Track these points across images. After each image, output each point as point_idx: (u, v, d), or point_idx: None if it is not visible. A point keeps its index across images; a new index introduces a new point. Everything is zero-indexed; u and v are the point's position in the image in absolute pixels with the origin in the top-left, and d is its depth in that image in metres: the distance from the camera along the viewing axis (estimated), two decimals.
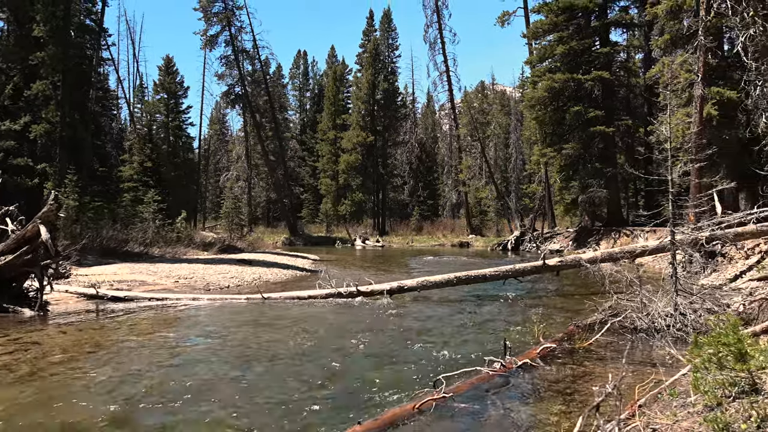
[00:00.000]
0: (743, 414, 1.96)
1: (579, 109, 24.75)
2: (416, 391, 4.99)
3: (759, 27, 8.14)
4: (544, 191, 34.52)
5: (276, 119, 45.21)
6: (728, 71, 18.39)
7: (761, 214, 13.52)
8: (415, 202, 52.97)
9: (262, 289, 11.95)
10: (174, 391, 5.18)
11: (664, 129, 8.72)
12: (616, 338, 7.17)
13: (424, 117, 65.47)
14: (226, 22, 40.88)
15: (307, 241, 39.38)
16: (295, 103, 64.64)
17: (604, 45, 26.41)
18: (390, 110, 49.92)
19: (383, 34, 52.25)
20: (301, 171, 57.31)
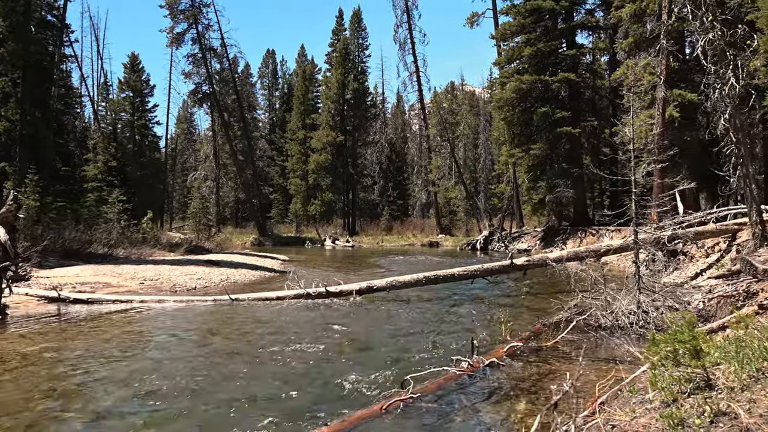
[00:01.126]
0: (698, 409, 2.01)
1: (546, 110, 25.10)
2: (383, 392, 5.00)
3: (717, 31, 8.36)
4: (513, 191, 34.91)
5: (244, 118, 44.77)
6: (689, 74, 18.86)
7: (720, 214, 13.92)
8: (385, 202, 53.02)
9: (229, 290, 11.82)
10: (137, 395, 5.09)
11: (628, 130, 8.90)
12: (581, 336, 7.29)
13: (394, 117, 65.60)
14: (193, 20, 40.32)
15: (277, 241, 39.09)
16: (264, 102, 64.11)
17: (571, 47, 26.84)
18: (360, 110, 49.87)
19: (353, 34, 52.18)
20: (271, 171, 56.86)
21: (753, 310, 4.31)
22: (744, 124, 9.51)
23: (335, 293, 10.98)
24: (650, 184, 16.62)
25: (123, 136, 43.45)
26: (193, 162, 57.97)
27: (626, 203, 8.48)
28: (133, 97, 47.79)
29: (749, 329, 3.01)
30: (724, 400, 2.02)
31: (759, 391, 2.06)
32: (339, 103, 49.04)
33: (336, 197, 49.76)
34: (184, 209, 51.14)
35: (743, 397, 2.03)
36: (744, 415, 1.87)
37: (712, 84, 8.64)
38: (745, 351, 2.61)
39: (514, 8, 27.02)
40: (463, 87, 60.79)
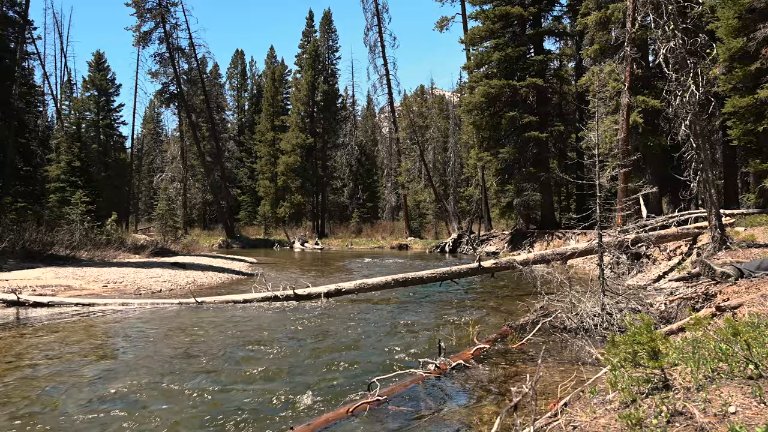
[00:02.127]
0: (655, 409, 2.05)
1: (514, 115, 25.38)
2: (350, 395, 4.99)
3: (678, 40, 8.57)
4: (481, 194, 35.21)
5: (213, 119, 44.26)
6: (652, 81, 19.30)
7: (682, 218, 14.28)
8: (354, 204, 52.98)
9: (196, 293, 11.68)
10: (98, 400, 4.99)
11: (593, 135, 9.07)
12: (547, 338, 7.38)
13: (364, 120, 65.69)
14: (160, 19, 39.72)
15: (245, 243, 38.75)
16: (232, 103, 63.52)
17: (538, 53, 27.21)
18: (330, 112, 49.75)
19: (323, 36, 52.07)
20: (239, 172, 56.35)
21: (711, 311, 4.42)
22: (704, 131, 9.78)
23: (303, 296, 10.93)
24: (615, 188, 16.99)
25: (87, 136, 42.52)
26: (160, 163, 57.09)
27: (591, 207, 8.62)
28: (98, 96, 46.91)
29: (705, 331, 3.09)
30: (680, 400, 2.07)
31: (714, 390, 2.11)
32: (309, 105, 48.84)
33: (305, 199, 49.51)
34: (150, 211, 50.33)
35: (699, 397, 2.09)
36: (699, 414, 1.92)
37: (674, 91, 8.85)
38: (701, 352, 2.68)
39: (483, 13, 27.28)
40: (432, 90, 61.14)
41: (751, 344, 2.32)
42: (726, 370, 2.34)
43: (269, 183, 49.88)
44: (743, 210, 16.69)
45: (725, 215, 13.43)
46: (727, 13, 16.55)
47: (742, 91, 16.69)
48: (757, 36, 15.78)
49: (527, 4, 26.82)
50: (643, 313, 7.59)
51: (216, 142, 44.17)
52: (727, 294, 5.08)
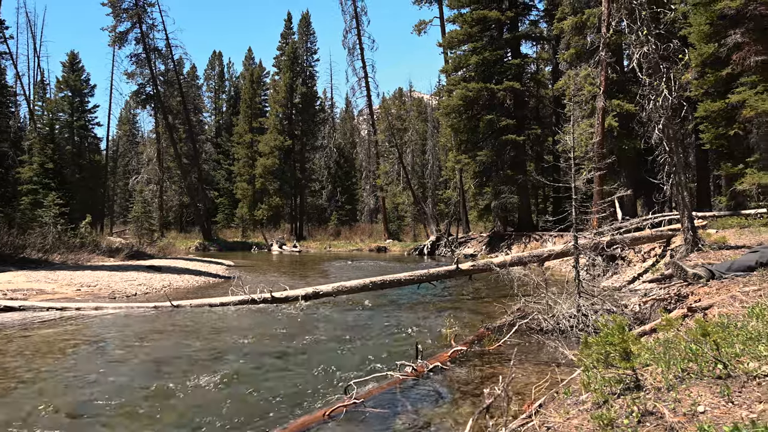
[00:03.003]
0: (626, 409, 2.08)
1: (492, 118, 25.56)
2: (327, 398, 4.97)
3: (652, 45, 8.71)
4: (459, 197, 35.39)
5: (190, 121, 43.86)
6: (627, 85, 19.60)
7: (655, 220, 14.50)
8: (333, 206, 52.86)
9: (172, 296, 11.55)
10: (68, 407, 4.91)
11: (569, 139, 9.16)
12: (523, 339, 7.43)
13: (343, 122, 65.61)
14: (136, 19, 39.26)
15: (222, 246, 38.42)
16: (210, 104, 63.00)
17: (516, 57, 27.44)
18: (308, 114, 49.60)
19: (302, 38, 51.92)
20: (216, 174, 55.89)
21: (683, 312, 4.50)
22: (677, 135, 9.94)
23: (281, 299, 10.87)
24: (591, 191, 17.19)
25: (61, 138, 41.88)
26: (136, 165, 56.37)
27: (568, 209, 8.71)
28: (72, 97, 46.23)
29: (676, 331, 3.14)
30: (651, 400, 2.10)
31: (684, 390, 2.14)
32: (287, 107, 48.67)
33: (283, 202, 49.28)
34: (126, 213, 49.66)
35: (669, 397, 2.12)
36: (669, 414, 1.95)
37: (647, 95, 8.99)
38: (672, 352, 2.73)
39: (461, 17, 27.45)
40: (411, 93, 61.36)
41: (719, 344, 2.36)
42: (696, 370, 2.38)
43: (247, 185, 49.55)
44: (715, 212, 17.01)
45: (698, 217, 13.68)
46: (699, 20, 16.88)
47: (713, 95, 17.03)
48: (728, 42, 16.10)
49: (504, 8, 27.05)
50: (617, 315, 7.71)
51: (193, 144, 43.77)
52: (699, 295, 5.17)
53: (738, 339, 2.79)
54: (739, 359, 2.44)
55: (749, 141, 16.45)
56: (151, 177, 45.63)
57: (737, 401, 2.01)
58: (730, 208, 17.05)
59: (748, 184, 15.48)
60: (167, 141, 43.06)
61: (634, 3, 9.14)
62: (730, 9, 15.62)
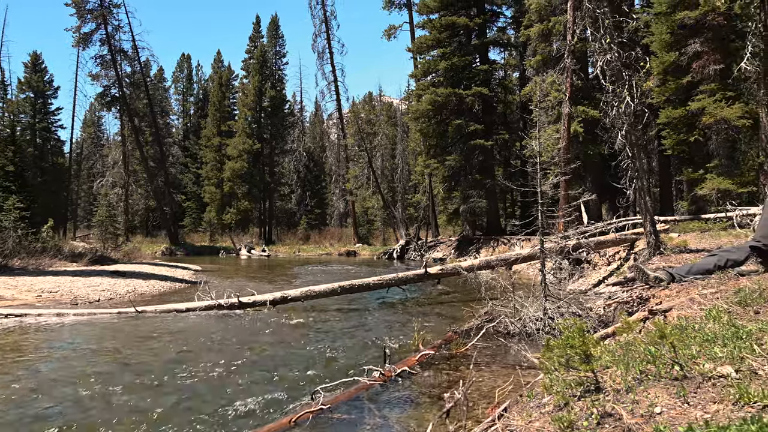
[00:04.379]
0: (586, 411, 2.11)
1: (460, 123, 25.78)
2: (293, 404, 4.94)
3: (614, 53, 8.91)
4: (429, 201, 35.59)
5: (156, 123, 43.21)
6: (592, 92, 19.99)
7: (620, 224, 14.78)
8: (302, 211, 52.63)
9: (137, 302, 11.35)
10: (22, 418, 4.78)
11: (535, 144, 9.31)
12: (491, 343, 7.49)
13: (313, 126, 65.45)
14: (101, 20, 38.58)
15: (190, 250, 37.91)
16: (177, 107, 62.15)
17: (484, 62, 27.75)
18: (277, 118, 49.33)
19: (270, 41, 51.62)
20: (184, 178, 55.15)
21: (644, 315, 4.60)
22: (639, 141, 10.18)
23: (248, 304, 10.76)
24: (557, 196, 17.47)
25: (22, 140, 40.85)
26: (101, 168, 55.28)
27: (534, 214, 8.83)
28: (35, 98, 45.21)
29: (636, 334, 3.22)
30: (610, 402, 2.14)
31: (642, 392, 2.19)
32: (256, 110, 48.34)
33: (252, 206, 48.88)
34: (90, 217, 48.64)
35: (628, 399, 2.16)
36: (627, 415, 1.99)
37: (611, 102, 9.19)
38: (631, 354, 2.79)
39: (430, 23, 27.66)
40: (381, 98, 61.54)
41: (676, 346, 2.42)
42: (654, 371, 2.43)
43: (215, 189, 49.02)
44: (677, 217, 17.42)
45: (660, 222, 13.98)
46: (661, 29, 17.33)
47: (675, 102, 17.49)
48: (688, 51, 16.58)
49: (473, 14, 27.36)
50: (578, 318, 7.83)
51: (160, 147, 43.13)
52: (660, 298, 5.29)
53: (695, 341, 2.86)
54: (696, 361, 2.51)
55: (709, 147, 16.93)
56: (117, 180, 44.81)
57: (692, 402, 2.06)
58: (692, 212, 17.49)
59: (708, 189, 15.92)
60: (133, 144, 42.36)
61: (598, 12, 9.34)
62: (690, 19, 16.08)
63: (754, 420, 1.71)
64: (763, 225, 5.13)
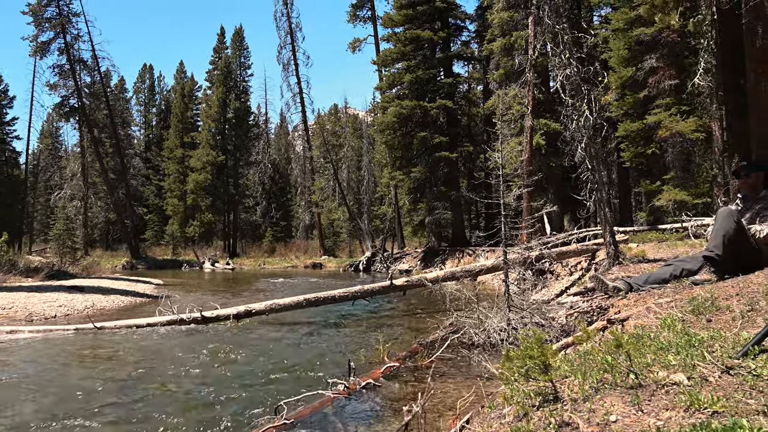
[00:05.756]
0: (544, 421, 2.15)
1: (425, 135, 26.01)
2: (256, 419, 4.88)
3: (574, 68, 9.13)
4: (395, 213, 35.70)
5: (117, 135, 42.39)
6: (553, 105, 20.41)
7: (581, 235, 15.06)
8: (267, 223, 52.20)
9: (95, 317, 11.07)
10: None
11: (498, 156, 9.44)
12: (456, 354, 7.52)
13: (278, 137, 65.14)
14: (60, 29, 37.79)
15: (151, 264, 37.18)
16: (139, 118, 61.27)
17: (448, 76, 28.10)
18: (242, 129, 48.96)
19: (235, 52, 51.33)
20: (146, 190, 54.23)
21: (602, 324, 4.69)
22: (599, 153, 10.42)
23: (212, 318, 10.60)
24: (521, 207, 17.74)
25: None
26: (59, 180, 53.85)
27: (498, 225, 8.93)
28: None
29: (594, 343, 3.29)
30: (567, 411, 2.18)
31: (598, 400, 2.24)
32: (220, 121, 47.91)
33: (216, 218, 48.28)
34: (47, 231, 47.34)
35: (584, 408, 2.20)
36: (583, 424, 2.03)
37: (570, 115, 9.39)
38: (589, 364, 2.84)
39: (395, 36, 27.93)
40: (346, 110, 61.59)
41: (632, 355, 2.48)
42: (610, 380, 2.48)
43: (178, 201, 48.29)
44: (636, 227, 17.84)
45: (619, 232, 14.30)
46: (618, 44, 17.82)
47: (632, 116, 17.98)
48: (644, 66, 17.07)
49: (437, 28, 27.73)
50: (546, 327, 7.94)
51: (120, 159, 42.30)
52: (618, 307, 5.40)
53: (650, 349, 2.93)
54: (650, 369, 2.57)
55: (665, 160, 17.43)
56: (75, 193, 43.73)
57: (646, 409, 2.11)
58: (650, 223, 17.94)
59: (665, 201, 16.37)
60: (93, 155, 41.44)
61: (557, 28, 9.57)
62: (646, 35, 16.58)
63: (703, 426, 1.76)
64: (715, 236, 5.30)
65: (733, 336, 2.97)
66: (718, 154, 14.83)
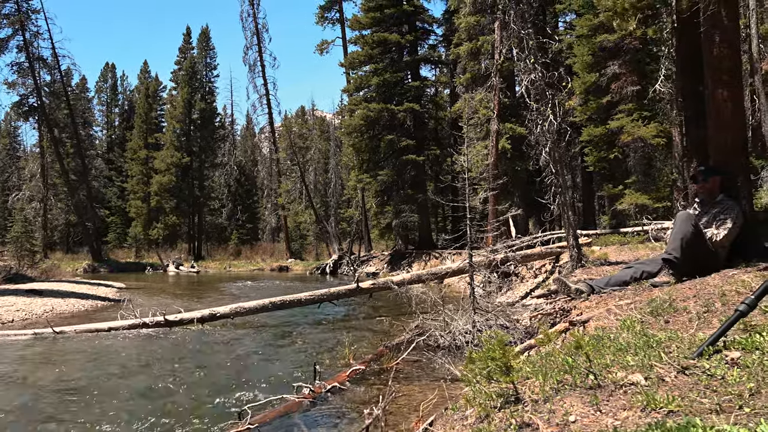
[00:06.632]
0: (505, 422, 2.15)
1: (392, 138, 26.07)
2: (220, 424, 4.80)
3: (538, 73, 9.25)
4: (362, 216, 35.64)
5: (78, 135, 41.38)
6: (518, 109, 20.66)
7: (545, 238, 15.27)
8: (233, 225, 51.60)
9: (55, 322, 10.78)
10: None
11: (463, 160, 9.51)
12: (422, 356, 7.53)
13: (244, 139, 64.50)
14: (19, 26, 36.72)
15: (114, 267, 36.40)
16: (101, 118, 59.94)
17: (415, 79, 28.22)
18: (207, 131, 48.30)
19: (201, 53, 50.64)
20: (108, 192, 53.07)
21: (565, 326, 4.75)
22: (562, 157, 10.57)
23: (175, 322, 10.42)
24: (487, 210, 17.90)
25: None
26: (17, 181, 52.31)
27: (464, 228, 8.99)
28: None
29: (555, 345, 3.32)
30: (528, 412, 2.19)
31: (558, 401, 2.25)
32: (185, 122, 47.18)
33: (181, 220, 47.53)
34: (4, 233, 45.89)
35: (545, 408, 2.22)
36: (543, 425, 2.04)
37: (535, 120, 9.52)
38: (550, 365, 2.87)
39: (362, 38, 27.93)
40: (313, 112, 61.37)
41: (591, 356, 2.51)
42: (570, 381, 2.51)
43: (141, 203, 47.41)
44: (599, 230, 18.17)
45: (583, 235, 14.54)
46: (582, 50, 18.14)
47: (596, 121, 18.31)
48: (607, 72, 17.42)
49: (404, 31, 27.82)
50: (510, 329, 8.01)
51: (82, 160, 41.30)
52: (581, 309, 5.48)
53: (609, 350, 2.98)
54: (609, 369, 2.60)
55: (627, 164, 17.80)
56: (34, 194, 42.54)
57: (605, 409, 2.14)
58: (612, 226, 18.28)
59: (627, 204, 16.71)
60: (53, 156, 40.37)
61: (523, 33, 9.69)
62: (609, 42, 16.92)
63: (658, 425, 1.79)
64: (673, 239, 5.41)
65: (690, 337, 3.04)
66: (677, 159, 15.21)
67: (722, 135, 5.65)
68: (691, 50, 6.62)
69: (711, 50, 5.60)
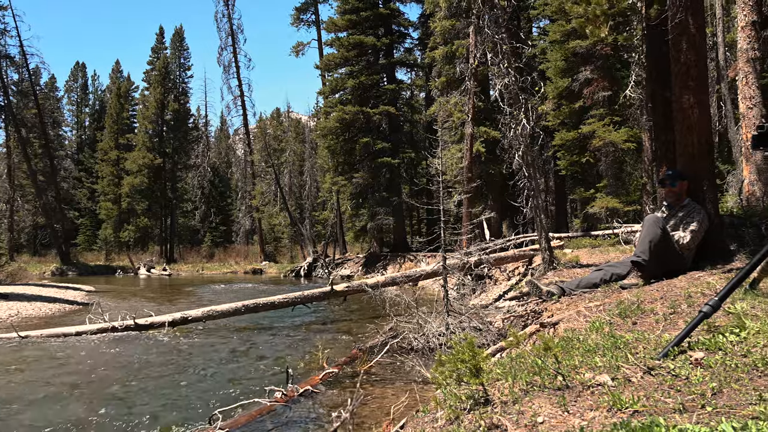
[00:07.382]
0: (474, 424, 2.16)
1: (368, 141, 26.09)
2: (189, 429, 4.74)
3: (512, 77, 9.34)
4: (336, 218, 35.59)
5: (47, 135, 40.60)
6: (493, 113, 20.84)
7: (518, 241, 15.40)
8: (207, 228, 51.09)
9: (20, 326, 10.55)
10: None
11: (438, 163, 9.55)
12: (395, 359, 7.53)
13: (218, 141, 63.98)
14: None
15: (83, 270, 35.76)
16: (71, 118, 58.92)
17: (391, 82, 28.30)
18: (180, 132, 47.78)
19: (174, 53, 50.10)
20: (77, 193, 52.12)
21: (536, 328, 4.80)
22: (535, 161, 10.70)
23: (145, 326, 10.26)
24: (461, 213, 18.00)
25: None
26: None
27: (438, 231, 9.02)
28: None
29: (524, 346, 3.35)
30: (497, 414, 2.20)
31: (527, 402, 2.27)
32: (158, 123, 46.62)
33: (153, 222, 46.91)
34: None
35: (513, 410, 2.23)
36: (511, 426, 2.06)
37: (508, 124, 9.60)
38: (520, 367, 2.89)
39: (338, 41, 27.91)
40: (289, 114, 61.08)
41: (560, 357, 2.54)
42: (539, 382, 2.53)
43: (112, 205, 46.68)
44: (571, 233, 18.36)
45: (555, 238, 14.69)
46: (556, 56, 18.37)
47: (568, 126, 18.55)
48: (580, 77, 17.66)
49: (380, 34, 27.89)
50: (483, 331, 8.06)
51: (50, 160, 40.51)
52: (551, 311, 5.54)
53: (578, 351, 3.01)
54: (578, 370, 2.63)
55: (599, 168, 18.05)
56: (0, 195, 41.61)
57: (572, 410, 2.16)
58: (584, 229, 18.50)
59: (599, 208, 16.95)
60: (20, 156, 39.55)
61: (497, 38, 9.77)
62: (581, 48, 17.16)
63: (623, 425, 1.81)
64: (642, 242, 5.51)
65: (656, 338, 3.09)
66: (647, 164, 15.49)
67: (688, 139, 5.76)
68: (660, 57, 6.76)
69: (678, 57, 5.71)
